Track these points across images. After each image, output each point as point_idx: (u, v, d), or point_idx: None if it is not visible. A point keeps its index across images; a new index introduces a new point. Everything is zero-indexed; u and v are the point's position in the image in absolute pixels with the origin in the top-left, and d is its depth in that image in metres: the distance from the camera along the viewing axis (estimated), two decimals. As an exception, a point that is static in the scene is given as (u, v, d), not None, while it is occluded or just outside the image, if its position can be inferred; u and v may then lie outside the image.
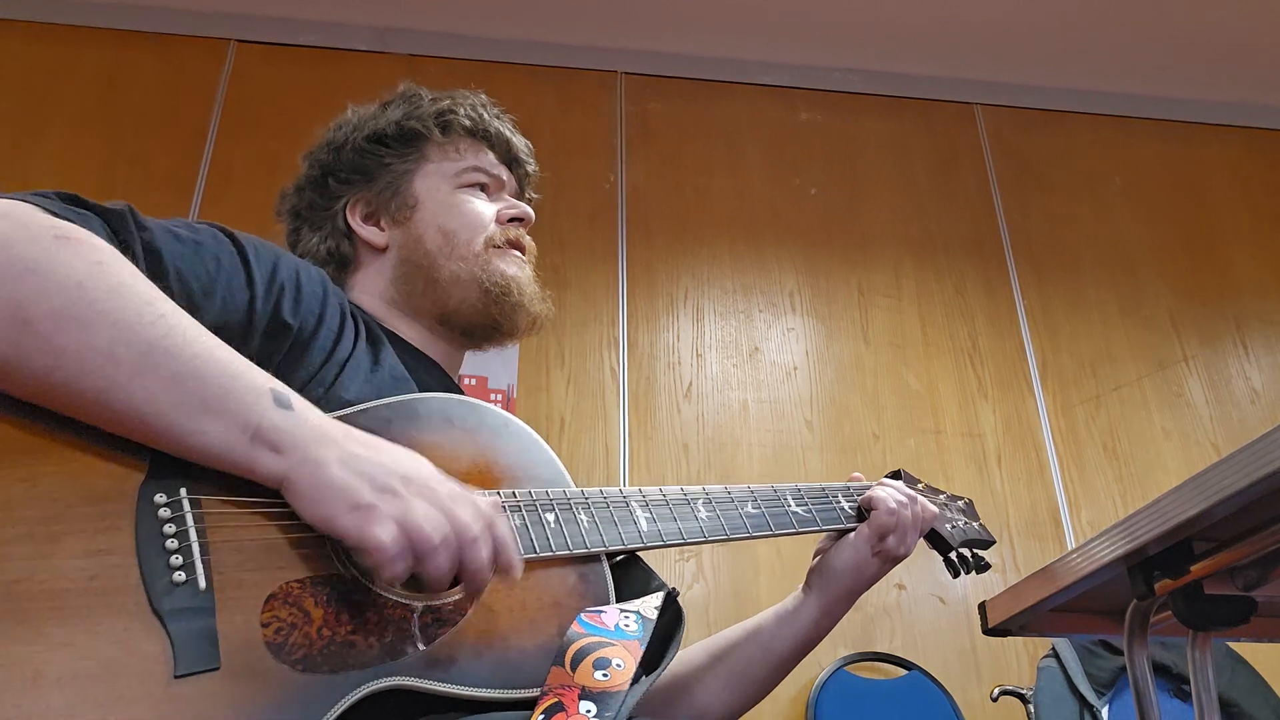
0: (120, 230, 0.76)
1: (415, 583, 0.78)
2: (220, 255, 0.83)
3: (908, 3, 3.10)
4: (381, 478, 0.70)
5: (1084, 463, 2.79)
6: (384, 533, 0.68)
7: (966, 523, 1.20)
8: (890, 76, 3.34)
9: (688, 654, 1.09)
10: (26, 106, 2.84)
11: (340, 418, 0.78)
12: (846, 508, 1.09)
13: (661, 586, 0.88)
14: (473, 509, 0.73)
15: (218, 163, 2.86)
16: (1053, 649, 2.21)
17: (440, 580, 0.71)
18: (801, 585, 1.11)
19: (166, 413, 0.66)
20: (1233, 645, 2.20)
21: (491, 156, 1.15)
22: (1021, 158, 3.30)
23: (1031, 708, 2.18)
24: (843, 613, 1.08)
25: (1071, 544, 2.63)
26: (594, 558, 0.87)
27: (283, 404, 0.71)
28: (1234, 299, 3.13)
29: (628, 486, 0.96)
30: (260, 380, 0.71)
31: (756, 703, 1.07)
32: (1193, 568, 0.80)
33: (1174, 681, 2.05)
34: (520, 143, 1.19)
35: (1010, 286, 3.05)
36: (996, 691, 2.26)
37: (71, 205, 0.74)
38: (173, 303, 0.71)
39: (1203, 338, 3.05)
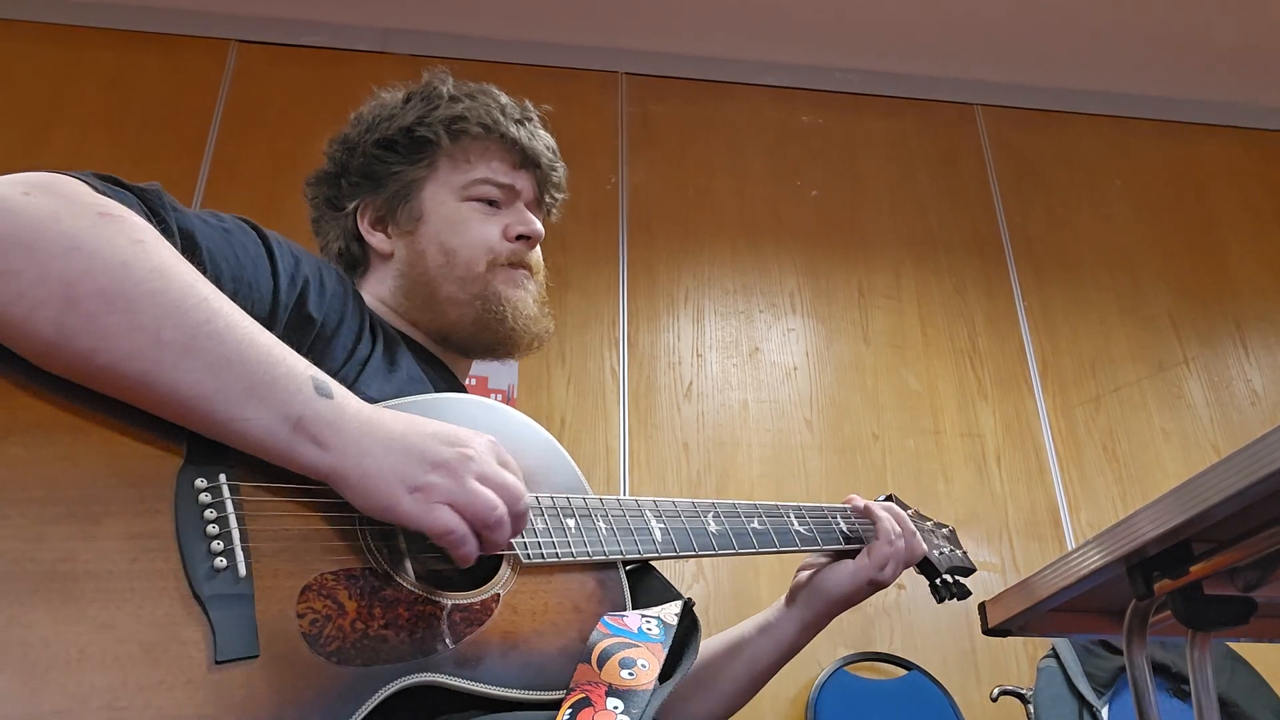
0: (157, 209, 0.75)
1: (441, 578, 0.79)
2: (247, 243, 0.83)
3: (908, 3, 3.10)
4: (431, 453, 0.71)
5: (1084, 463, 2.79)
6: (448, 517, 0.69)
7: (951, 550, 1.25)
8: (890, 77, 3.35)
9: None
10: (32, 107, 2.84)
11: None
12: (844, 528, 1.12)
13: (676, 595, 0.90)
14: (515, 477, 0.75)
15: (220, 163, 2.86)
16: (1052, 649, 2.22)
17: (500, 548, 0.74)
18: (784, 597, 1.13)
19: (210, 397, 0.66)
20: (1233, 645, 2.20)
21: (503, 165, 1.10)
22: (1022, 158, 3.30)
23: (1031, 708, 2.18)
24: (821, 628, 1.12)
25: (1071, 544, 2.63)
26: (611, 565, 0.89)
27: (324, 392, 0.71)
28: (1234, 300, 3.13)
29: (640, 497, 0.98)
30: (301, 368, 0.71)
31: (737, 710, 1.09)
32: (1192, 568, 0.80)
33: (1173, 681, 2.05)
34: (539, 146, 1.13)
35: (1010, 287, 3.05)
36: (996, 691, 2.26)
37: (109, 184, 0.74)
38: (212, 285, 0.70)
39: (1203, 339, 3.05)
